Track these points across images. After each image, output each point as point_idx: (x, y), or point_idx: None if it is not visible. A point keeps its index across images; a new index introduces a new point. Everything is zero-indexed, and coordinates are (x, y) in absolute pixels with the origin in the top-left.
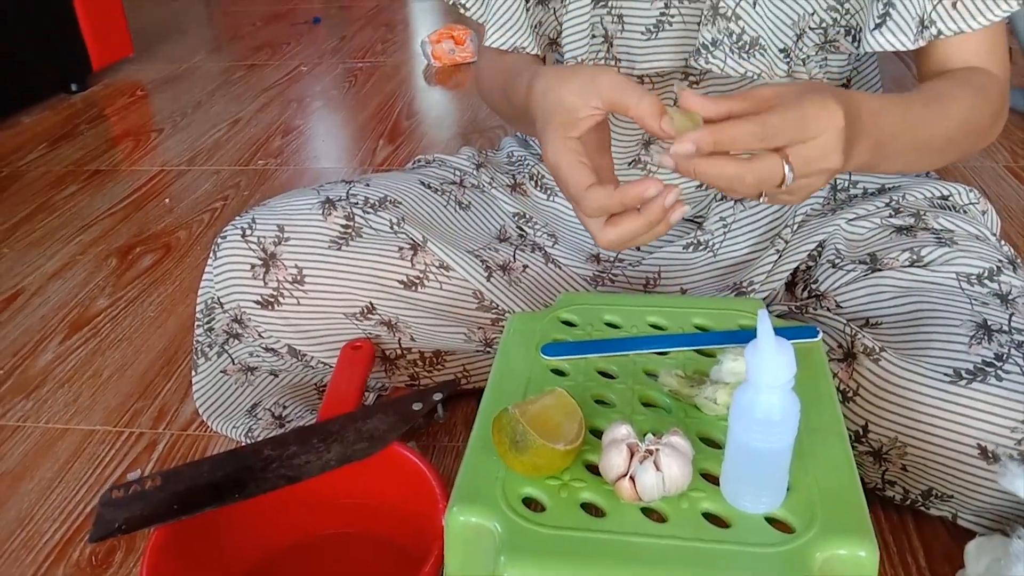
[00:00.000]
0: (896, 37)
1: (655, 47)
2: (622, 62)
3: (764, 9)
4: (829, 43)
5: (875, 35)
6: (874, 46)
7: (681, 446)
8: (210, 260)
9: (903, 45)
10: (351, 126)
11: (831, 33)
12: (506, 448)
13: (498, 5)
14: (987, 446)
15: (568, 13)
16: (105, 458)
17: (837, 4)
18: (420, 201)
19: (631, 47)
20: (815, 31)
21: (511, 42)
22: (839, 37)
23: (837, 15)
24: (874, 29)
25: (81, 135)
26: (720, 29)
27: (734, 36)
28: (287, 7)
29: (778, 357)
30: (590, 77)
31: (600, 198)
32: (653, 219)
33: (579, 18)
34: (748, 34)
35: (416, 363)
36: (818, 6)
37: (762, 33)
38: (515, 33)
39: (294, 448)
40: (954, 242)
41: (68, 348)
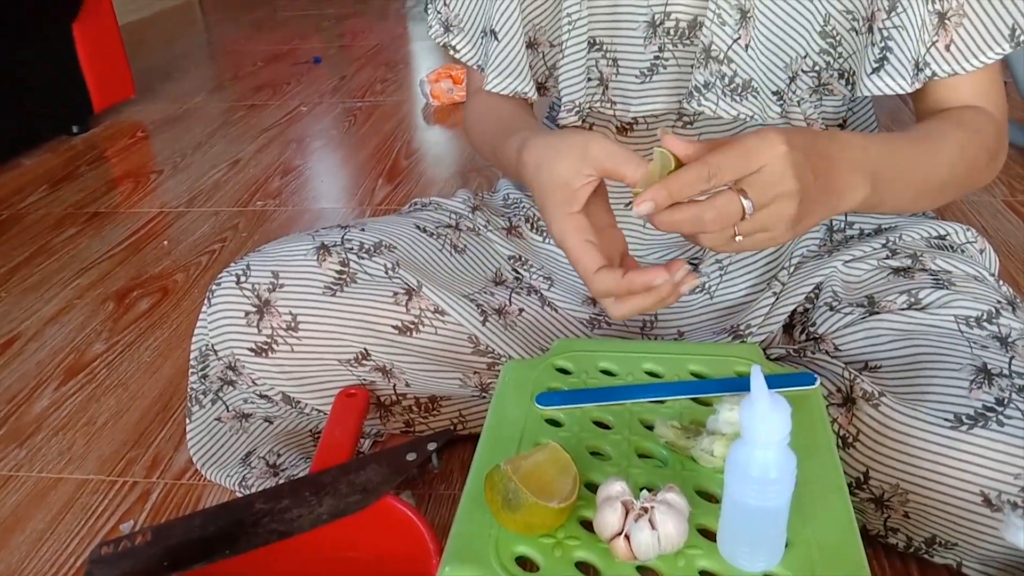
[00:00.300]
0: (894, 80)
1: (649, 90)
2: (617, 105)
3: (756, 52)
4: (823, 86)
5: (872, 79)
6: (872, 90)
7: (677, 503)
8: (204, 307)
9: (901, 88)
10: (350, 166)
11: (824, 76)
12: (498, 506)
13: (499, 50)
14: (990, 493)
15: (565, 58)
16: (98, 508)
17: (830, 48)
18: (415, 245)
19: (626, 90)
20: (808, 74)
21: (511, 87)
22: (833, 80)
23: (830, 58)
24: (871, 73)
25: (81, 177)
26: (712, 72)
27: (726, 79)
28: (288, 47)
29: (773, 414)
30: (581, 147)
31: (608, 282)
32: (664, 295)
33: (576, 62)
34: (740, 77)
35: (411, 409)
36: (810, 49)
37: (754, 76)
38: (516, 79)
39: (286, 501)
40: (952, 283)
41: (63, 394)
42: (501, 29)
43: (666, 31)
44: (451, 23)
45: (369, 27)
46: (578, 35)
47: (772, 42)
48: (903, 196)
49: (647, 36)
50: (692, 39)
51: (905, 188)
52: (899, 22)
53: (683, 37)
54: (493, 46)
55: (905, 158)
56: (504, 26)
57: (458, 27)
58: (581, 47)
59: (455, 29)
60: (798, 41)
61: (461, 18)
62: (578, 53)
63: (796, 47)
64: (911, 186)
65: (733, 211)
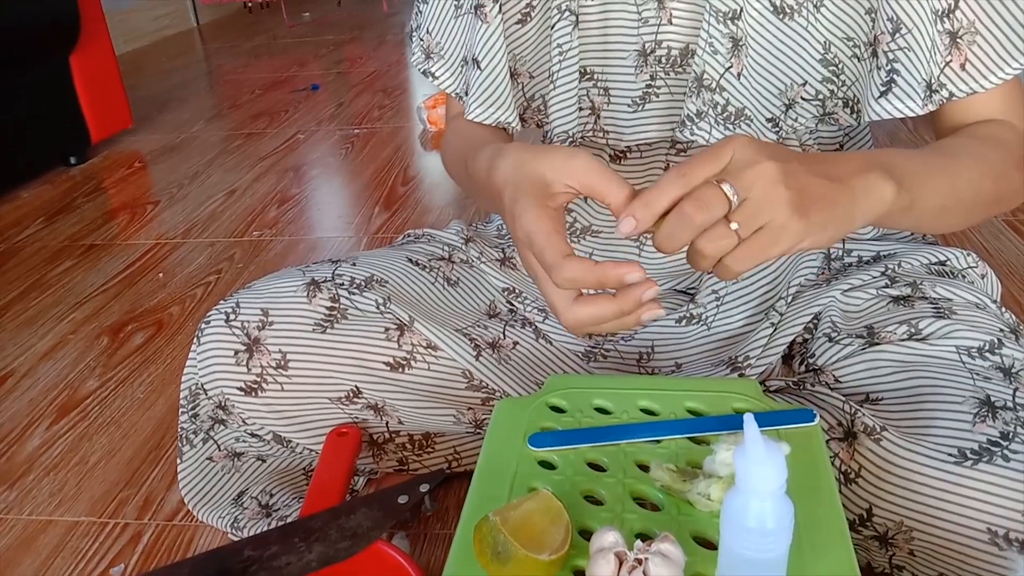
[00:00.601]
0: (904, 104)
1: (642, 119)
2: (610, 134)
3: (749, 81)
4: (828, 115)
5: (880, 103)
6: (880, 114)
7: (672, 553)
8: (194, 345)
9: (912, 111)
10: (347, 193)
11: (829, 105)
12: (488, 559)
13: (481, 79)
14: (998, 531)
15: (556, 88)
16: (88, 552)
17: (832, 76)
18: (407, 279)
19: (618, 119)
20: (811, 102)
21: (494, 117)
22: (838, 109)
23: (834, 87)
24: (879, 97)
25: (78, 209)
26: (705, 101)
27: (719, 107)
28: (286, 74)
29: (768, 463)
30: (566, 157)
31: (576, 270)
32: (626, 308)
33: (567, 92)
34: (733, 105)
35: (405, 447)
36: (811, 77)
37: (747, 104)
38: (498, 108)
39: (275, 548)
40: (953, 312)
41: (55, 433)
42: (484, 58)
43: (657, 60)
44: (432, 50)
45: (367, 54)
46: (569, 65)
47: (766, 69)
48: (933, 200)
49: (638, 65)
50: (684, 67)
51: (933, 191)
52: (904, 43)
53: (675, 65)
54: (475, 75)
55: (925, 161)
56: (487, 55)
57: (439, 55)
58: (573, 77)
59: (435, 56)
60: (794, 69)
61: (443, 46)
62: (570, 83)
63: (792, 75)
64: (938, 191)
65: (713, 195)
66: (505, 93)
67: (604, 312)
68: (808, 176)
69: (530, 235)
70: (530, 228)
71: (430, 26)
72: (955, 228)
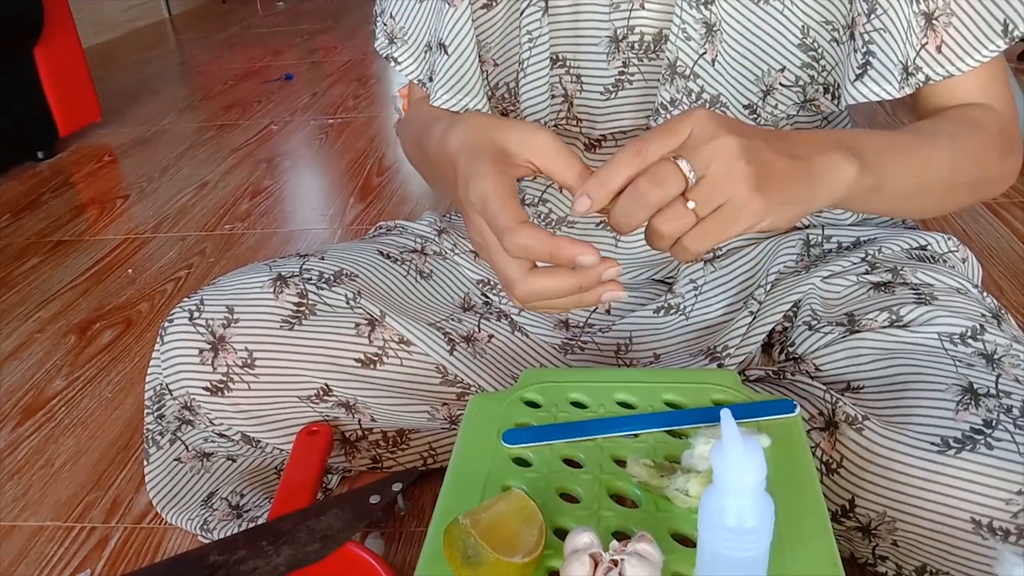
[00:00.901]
0: (879, 86)
1: (615, 107)
2: (583, 122)
3: (724, 67)
4: (809, 101)
5: (856, 86)
6: (856, 97)
7: (648, 553)
8: (157, 345)
9: (888, 94)
10: (321, 185)
11: (810, 91)
12: (459, 563)
13: (448, 64)
14: (981, 520)
15: (527, 76)
16: (53, 558)
17: (812, 61)
18: (378, 272)
19: (591, 107)
20: (791, 88)
21: (462, 103)
22: (819, 95)
23: (814, 72)
24: (855, 80)
25: (46, 204)
26: (679, 88)
27: (693, 95)
28: (260, 64)
29: (746, 460)
30: (528, 133)
31: (530, 236)
32: (585, 284)
33: (538, 80)
34: (708, 92)
35: (379, 444)
36: (789, 63)
37: (723, 90)
38: (467, 95)
39: (242, 552)
40: (934, 298)
41: (20, 435)
42: (451, 43)
43: (630, 46)
44: (396, 35)
45: (341, 43)
46: (540, 52)
47: (742, 55)
48: (903, 182)
49: (610, 51)
50: (657, 54)
51: (903, 173)
52: (880, 24)
53: (648, 52)
54: (442, 60)
55: (896, 142)
56: (455, 40)
57: (402, 39)
58: (543, 64)
59: (399, 42)
60: (771, 55)
61: (406, 30)
62: (540, 71)
63: (769, 60)
64: (910, 172)
65: (669, 172)
66: (474, 79)
67: (561, 285)
68: (769, 152)
69: (485, 199)
70: (486, 191)
71: (394, 10)
72: (932, 213)
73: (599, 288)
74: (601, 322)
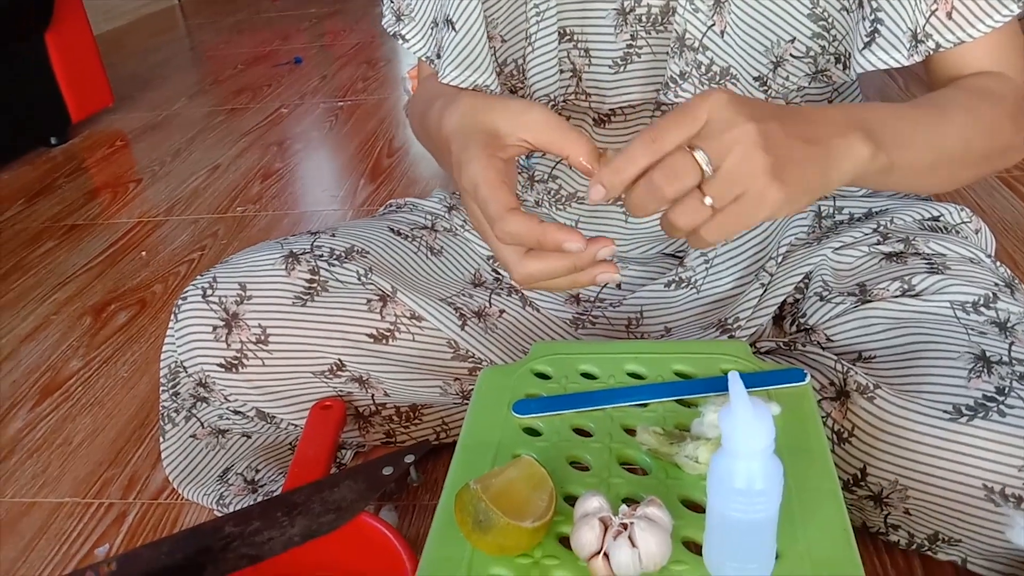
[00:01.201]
0: (888, 54)
1: (624, 80)
2: (592, 96)
3: (733, 39)
4: (820, 72)
5: (865, 54)
6: (865, 66)
7: (658, 517)
8: (171, 322)
9: (896, 62)
10: (332, 167)
11: (821, 62)
12: (469, 528)
13: (456, 40)
14: (993, 487)
15: (535, 51)
16: (72, 533)
17: (823, 31)
18: (389, 249)
19: (599, 81)
20: (802, 59)
21: (471, 80)
22: (830, 66)
23: (824, 42)
24: (863, 48)
25: (59, 189)
26: (688, 61)
27: (702, 68)
28: (269, 48)
29: (755, 422)
30: (522, 110)
31: (519, 225)
32: (580, 264)
33: (546, 54)
34: (717, 64)
35: (392, 419)
36: (800, 33)
37: (732, 63)
38: (475, 71)
39: (257, 524)
40: (947, 267)
41: (38, 415)
42: (459, 19)
43: (637, 18)
44: (403, 12)
45: (350, 25)
46: (547, 26)
47: (751, 26)
48: (917, 159)
49: (618, 24)
50: (665, 26)
51: (917, 150)
52: None
53: (656, 24)
54: (450, 37)
55: (909, 118)
56: (462, 16)
57: (409, 16)
58: (552, 39)
59: (406, 19)
60: (780, 25)
61: (413, 7)
62: (549, 45)
63: (779, 31)
64: (924, 148)
65: (684, 165)
66: (483, 55)
67: (556, 267)
68: (787, 138)
69: (476, 185)
70: (476, 178)
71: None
72: (944, 188)
73: (593, 269)
74: (612, 296)
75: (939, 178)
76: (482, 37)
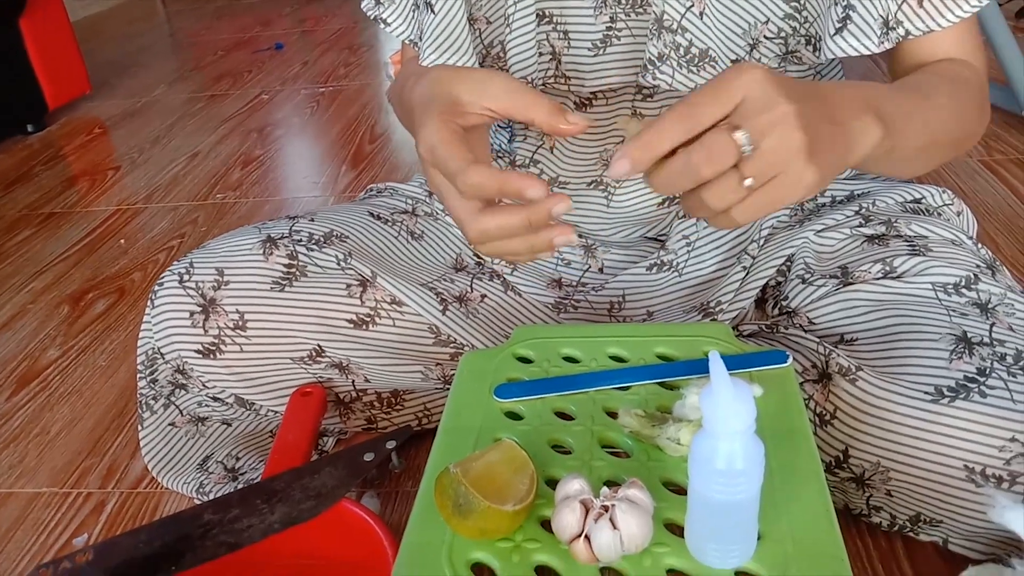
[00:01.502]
0: (859, 41)
1: (603, 63)
2: (572, 80)
3: (712, 20)
4: (791, 53)
5: (836, 40)
6: (835, 52)
7: (639, 499)
8: (148, 308)
9: (867, 48)
10: (313, 153)
11: (792, 43)
12: (449, 512)
13: (435, 23)
14: (974, 467)
15: (512, 32)
16: (50, 523)
17: (795, 12)
18: (369, 234)
19: (579, 64)
20: (773, 41)
21: (452, 63)
22: (800, 47)
23: (796, 23)
24: (834, 34)
25: (36, 177)
26: (667, 43)
27: (681, 50)
28: (250, 34)
29: (735, 402)
30: (484, 79)
31: (480, 175)
32: (534, 219)
33: (524, 36)
34: (696, 46)
35: (373, 405)
36: (773, 14)
37: (711, 44)
38: (456, 53)
39: (236, 511)
40: (928, 249)
41: (15, 404)
42: (438, 1)
43: (617, 1)
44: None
45: (332, 11)
46: (525, 7)
47: (729, 8)
48: (911, 143)
49: (597, 6)
50: (645, 8)
51: (913, 134)
52: None
53: (635, 6)
54: (429, 20)
55: (906, 100)
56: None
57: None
58: (530, 20)
59: (387, 1)
60: (756, 6)
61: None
62: (527, 27)
63: (756, 12)
64: (918, 132)
65: (725, 146)
66: (462, 37)
67: (511, 221)
68: (819, 120)
69: (432, 147)
70: (431, 140)
71: None
72: (916, 173)
73: (548, 232)
74: (594, 280)
75: (920, 162)
76: (461, 19)
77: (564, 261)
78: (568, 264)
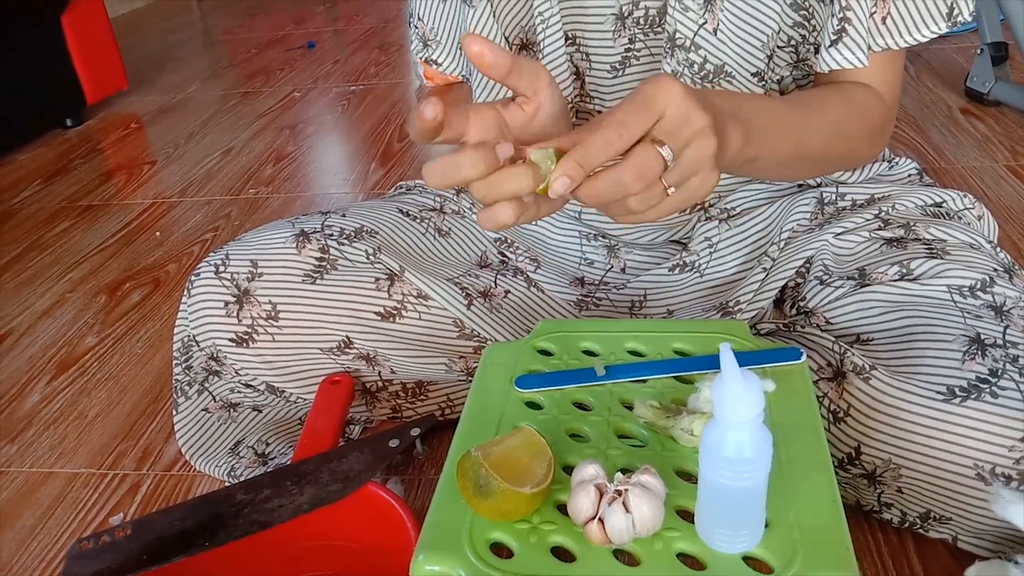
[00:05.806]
0: (852, 54)
1: (623, 83)
2: (594, 99)
3: (727, 36)
4: (802, 61)
5: (832, 52)
6: (831, 64)
7: (652, 485)
8: (184, 297)
9: (860, 62)
10: (343, 151)
11: (802, 51)
12: (470, 493)
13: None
14: (984, 467)
15: (544, 57)
16: (88, 502)
17: (803, 20)
18: (397, 230)
19: (599, 85)
20: (785, 50)
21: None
22: (810, 55)
23: (805, 31)
24: (830, 46)
25: (75, 170)
26: (680, 60)
27: (695, 66)
28: (282, 32)
29: (744, 392)
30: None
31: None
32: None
33: (556, 59)
34: (711, 62)
35: (398, 395)
36: (783, 24)
37: (728, 60)
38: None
39: (267, 492)
40: (946, 252)
41: (55, 389)
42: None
43: (635, 22)
44: (428, 38)
45: (363, 10)
46: (553, 32)
47: (745, 22)
48: (776, 153)
49: (616, 29)
50: (662, 27)
51: (778, 146)
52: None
53: (653, 27)
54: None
55: (781, 115)
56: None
57: (436, 41)
58: (559, 43)
59: (433, 43)
60: (771, 17)
61: (437, 32)
62: (557, 50)
63: (770, 23)
64: (784, 146)
65: (653, 162)
66: None
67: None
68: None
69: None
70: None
71: (421, 12)
72: (795, 180)
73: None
74: (616, 280)
75: (794, 171)
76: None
77: (587, 260)
78: (591, 263)
